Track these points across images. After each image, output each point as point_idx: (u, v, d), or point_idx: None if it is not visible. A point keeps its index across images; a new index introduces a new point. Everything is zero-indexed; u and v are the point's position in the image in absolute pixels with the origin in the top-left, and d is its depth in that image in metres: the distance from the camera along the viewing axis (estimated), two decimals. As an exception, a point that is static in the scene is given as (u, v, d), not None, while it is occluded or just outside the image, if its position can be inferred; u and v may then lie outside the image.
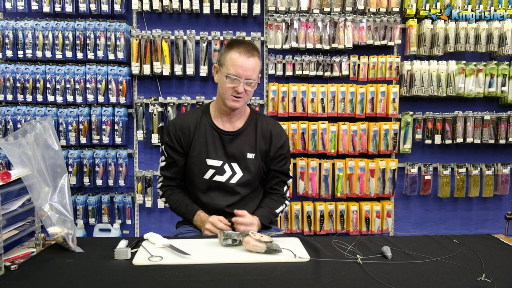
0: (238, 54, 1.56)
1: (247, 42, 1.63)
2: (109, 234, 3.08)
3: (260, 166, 1.71)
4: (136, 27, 3.16)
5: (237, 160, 1.68)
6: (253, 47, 1.60)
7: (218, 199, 1.69)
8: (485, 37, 3.11)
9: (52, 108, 3.08)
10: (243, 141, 1.69)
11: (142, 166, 3.26)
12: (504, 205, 3.40)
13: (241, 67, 1.55)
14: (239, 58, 1.56)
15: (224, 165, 1.67)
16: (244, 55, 1.56)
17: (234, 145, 1.68)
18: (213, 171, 1.67)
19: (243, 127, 1.70)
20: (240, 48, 1.57)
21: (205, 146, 1.67)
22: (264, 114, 1.82)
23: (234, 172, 1.68)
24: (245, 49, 1.57)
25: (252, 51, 1.58)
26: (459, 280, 1.15)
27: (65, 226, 1.30)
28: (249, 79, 1.58)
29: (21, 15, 3.10)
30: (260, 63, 1.63)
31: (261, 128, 1.71)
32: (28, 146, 1.26)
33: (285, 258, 1.27)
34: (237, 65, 1.56)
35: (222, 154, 1.68)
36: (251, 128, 1.71)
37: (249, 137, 1.69)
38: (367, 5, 3.08)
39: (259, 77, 1.65)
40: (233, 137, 1.68)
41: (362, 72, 3.13)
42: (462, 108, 3.22)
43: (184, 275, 1.16)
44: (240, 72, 1.56)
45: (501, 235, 1.56)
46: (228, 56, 1.58)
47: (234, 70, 1.56)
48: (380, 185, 3.14)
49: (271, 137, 1.71)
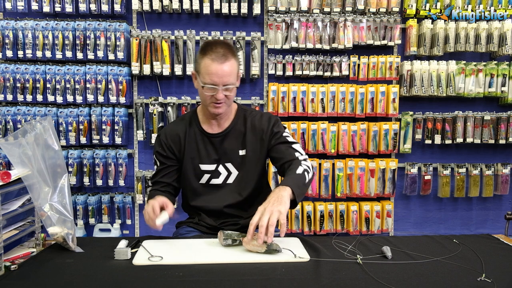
0: (211, 61, 1.48)
1: (220, 45, 1.52)
2: (109, 234, 3.08)
3: (255, 159, 1.67)
4: (136, 27, 3.16)
5: (230, 159, 1.66)
6: (227, 50, 1.51)
7: (215, 200, 1.67)
8: (485, 37, 3.11)
9: (52, 108, 3.08)
10: (232, 139, 1.67)
11: (142, 166, 3.26)
12: (504, 205, 3.40)
13: (216, 75, 1.49)
14: (213, 65, 1.48)
15: (218, 167, 1.66)
16: (218, 62, 1.48)
17: (224, 145, 1.66)
18: (208, 175, 1.66)
19: (231, 126, 1.67)
20: (213, 54, 1.49)
21: (197, 152, 1.66)
22: (252, 109, 1.77)
23: (229, 172, 1.67)
24: (218, 55, 1.48)
25: (226, 54, 1.50)
26: (459, 280, 1.15)
27: (65, 226, 1.30)
28: (227, 84, 1.51)
29: (21, 15, 3.10)
30: (237, 64, 1.55)
31: (250, 123, 1.68)
32: (28, 146, 1.26)
33: (285, 258, 1.27)
34: (212, 74, 1.49)
35: (214, 157, 1.66)
36: (240, 125, 1.68)
37: (238, 134, 1.67)
38: (367, 5, 3.08)
39: (239, 76, 1.60)
40: (222, 137, 1.66)
41: (362, 72, 3.13)
42: (462, 108, 3.23)
43: (184, 275, 1.16)
44: (216, 80, 1.49)
45: (501, 235, 1.56)
46: (202, 64, 1.51)
47: (210, 79, 1.50)
48: (380, 185, 3.14)
49: (261, 126, 1.66)
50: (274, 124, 1.66)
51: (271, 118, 1.69)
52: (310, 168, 1.56)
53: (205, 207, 1.68)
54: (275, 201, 1.33)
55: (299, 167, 1.52)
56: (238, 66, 1.58)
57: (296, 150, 1.62)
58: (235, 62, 1.54)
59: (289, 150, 1.61)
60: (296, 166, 1.52)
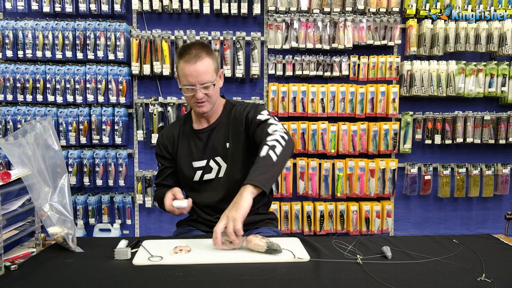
0: (184, 63, 1.54)
1: (194, 46, 1.56)
2: (109, 234, 3.08)
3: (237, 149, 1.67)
4: (136, 27, 3.16)
5: (219, 153, 1.68)
6: (199, 50, 1.54)
7: (210, 195, 1.70)
8: (485, 37, 3.11)
9: (52, 108, 3.08)
10: (219, 133, 1.69)
11: (142, 166, 3.26)
12: (504, 205, 3.40)
13: (191, 76, 1.53)
14: (187, 66, 1.53)
15: (209, 162, 1.69)
16: (191, 62, 1.52)
17: (211, 139, 1.69)
18: (201, 171, 1.69)
19: (218, 121, 1.70)
20: (185, 56, 1.54)
21: (189, 150, 1.71)
22: (241, 102, 1.77)
23: (219, 166, 1.69)
24: (190, 56, 1.53)
25: (198, 54, 1.53)
26: (459, 280, 1.15)
27: (65, 226, 1.30)
28: (203, 83, 1.55)
29: (21, 15, 3.10)
30: (212, 62, 1.57)
31: (234, 114, 1.69)
32: (28, 146, 1.26)
33: (285, 258, 1.27)
34: (187, 75, 1.54)
35: (204, 152, 1.69)
36: (225, 118, 1.70)
37: (224, 127, 1.69)
38: (367, 5, 3.08)
39: (220, 74, 1.64)
40: (209, 132, 1.69)
41: (362, 72, 3.13)
42: (462, 108, 3.23)
43: (184, 275, 1.15)
44: (191, 81, 1.54)
45: (501, 235, 1.56)
46: (179, 67, 1.58)
47: (186, 80, 1.55)
48: (380, 185, 3.14)
49: (240, 116, 1.66)
50: (249, 111, 1.64)
51: (247, 105, 1.68)
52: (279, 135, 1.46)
53: (201, 203, 1.71)
54: (232, 207, 1.32)
55: (263, 147, 1.43)
56: (215, 64, 1.60)
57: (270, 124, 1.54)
58: (210, 61, 1.57)
59: (264, 130, 1.53)
60: (261, 148, 1.44)
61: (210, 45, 1.67)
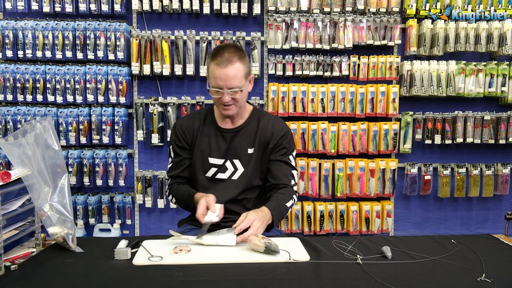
0: (215, 65, 1.54)
1: (227, 49, 1.57)
2: (109, 234, 3.08)
3: (259, 160, 1.70)
4: (136, 27, 3.16)
5: (238, 156, 1.69)
6: (232, 54, 1.55)
7: (218, 194, 1.68)
8: (485, 37, 3.11)
9: (52, 108, 3.08)
10: (244, 136, 1.70)
11: (142, 166, 3.26)
12: (504, 205, 3.40)
13: (219, 79, 1.54)
14: (217, 69, 1.54)
15: (225, 162, 1.69)
16: (222, 66, 1.53)
17: (235, 141, 1.70)
18: (215, 169, 1.70)
19: (244, 124, 1.72)
20: (218, 58, 1.54)
21: (208, 144, 1.71)
22: (266, 112, 1.82)
23: (236, 169, 1.69)
24: (222, 59, 1.53)
25: (231, 58, 1.54)
26: (459, 280, 1.15)
27: (65, 226, 1.30)
28: (231, 87, 1.56)
29: (21, 15, 3.10)
30: (243, 67, 1.58)
31: (263, 124, 1.72)
32: (28, 146, 1.26)
33: (285, 258, 1.27)
34: (216, 77, 1.55)
35: (224, 151, 1.70)
36: (253, 124, 1.72)
37: (250, 132, 1.71)
38: (367, 5, 3.08)
39: (250, 79, 1.65)
40: (234, 133, 1.70)
41: (362, 72, 3.13)
42: (462, 108, 3.22)
43: (184, 275, 1.16)
44: (220, 84, 1.55)
45: (501, 235, 1.56)
46: (210, 68, 1.59)
47: (215, 82, 1.56)
48: (380, 185, 3.14)
49: (272, 129, 1.71)
50: (286, 139, 1.71)
51: (284, 129, 1.73)
52: (295, 198, 1.68)
53: None
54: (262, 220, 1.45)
55: (290, 200, 1.63)
56: (246, 69, 1.61)
57: (294, 176, 1.71)
58: (241, 66, 1.57)
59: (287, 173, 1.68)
60: (287, 198, 1.63)
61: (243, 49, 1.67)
